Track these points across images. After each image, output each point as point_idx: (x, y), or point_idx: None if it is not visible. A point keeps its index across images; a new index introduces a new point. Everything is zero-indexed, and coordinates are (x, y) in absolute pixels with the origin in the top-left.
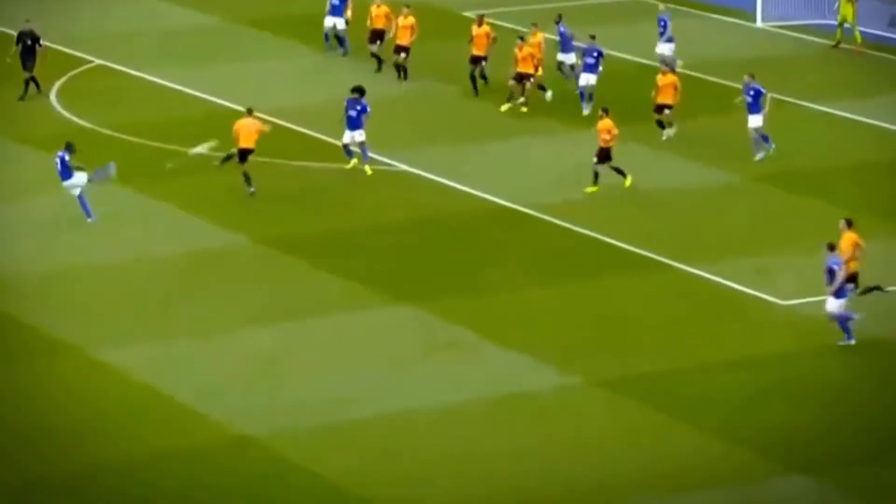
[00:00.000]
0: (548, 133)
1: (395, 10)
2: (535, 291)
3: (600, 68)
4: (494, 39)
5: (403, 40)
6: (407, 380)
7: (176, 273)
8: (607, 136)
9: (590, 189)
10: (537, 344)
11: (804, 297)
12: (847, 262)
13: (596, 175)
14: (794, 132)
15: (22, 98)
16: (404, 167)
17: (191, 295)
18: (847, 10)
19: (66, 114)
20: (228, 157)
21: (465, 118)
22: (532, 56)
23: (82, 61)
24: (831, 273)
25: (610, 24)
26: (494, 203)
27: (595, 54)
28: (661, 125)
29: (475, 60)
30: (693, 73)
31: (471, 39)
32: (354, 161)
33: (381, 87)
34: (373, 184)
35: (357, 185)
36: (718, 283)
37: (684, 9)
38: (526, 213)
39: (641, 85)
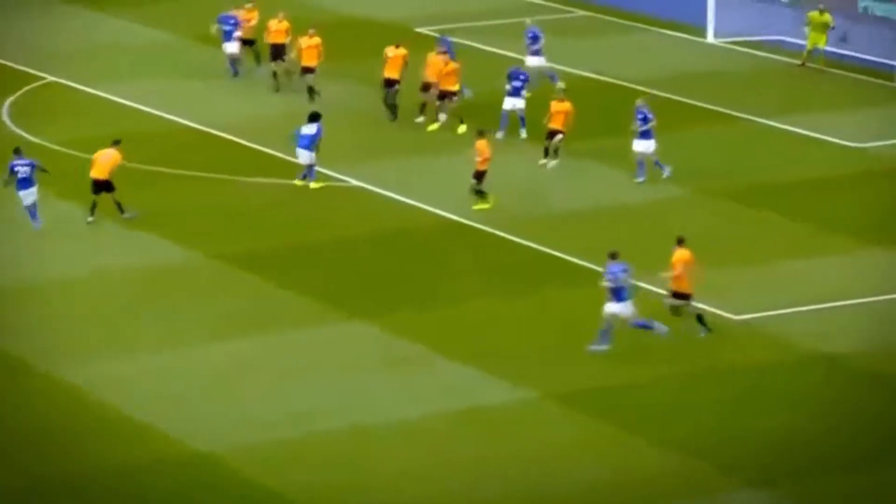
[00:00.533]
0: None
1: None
2: (488, 305)
3: (524, 92)
4: (407, 64)
5: (310, 62)
6: (363, 394)
7: (131, 289)
8: (479, 159)
9: (479, 206)
10: (492, 357)
11: (758, 312)
12: (675, 278)
13: (479, 192)
14: (745, 147)
15: None
16: (356, 182)
17: (147, 311)
18: (820, 39)
19: (16, 129)
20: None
21: (413, 133)
22: (456, 73)
23: (35, 78)
24: (611, 279)
25: (564, 39)
26: (445, 217)
27: (522, 77)
28: (547, 152)
29: (389, 84)
30: (644, 89)
31: (385, 61)
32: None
33: (330, 105)
34: (325, 199)
35: (309, 201)
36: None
37: (636, 24)
38: (476, 228)
39: (596, 101)
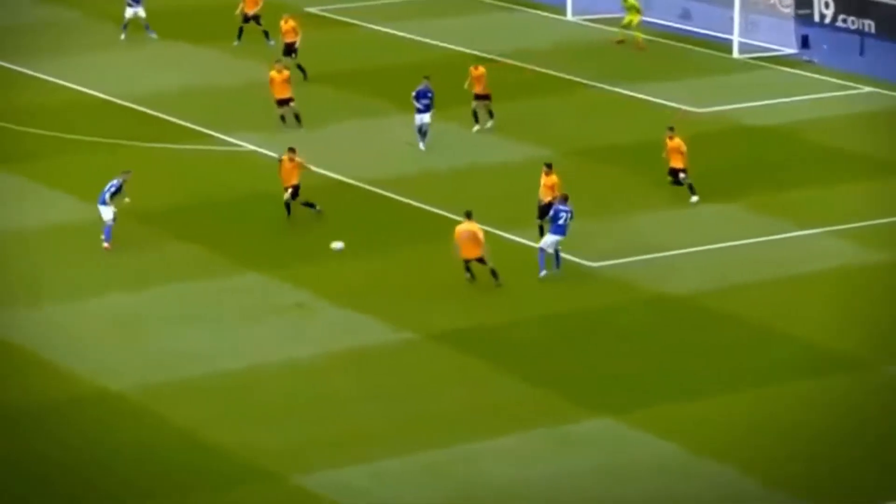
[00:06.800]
0: (380, 114)
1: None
2: (373, 258)
3: (431, 109)
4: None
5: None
6: (257, 338)
7: (43, 245)
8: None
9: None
10: (375, 304)
11: (613, 259)
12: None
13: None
14: (597, 112)
15: None
16: (252, 147)
17: (57, 263)
18: (633, 18)
19: None
20: None
21: (306, 104)
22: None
23: None
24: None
25: (440, 18)
26: (335, 179)
27: (430, 95)
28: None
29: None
30: (512, 62)
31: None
32: None
33: (245, 75)
34: (223, 163)
35: (210, 165)
36: (534, 247)
37: (505, 4)
38: (361, 188)
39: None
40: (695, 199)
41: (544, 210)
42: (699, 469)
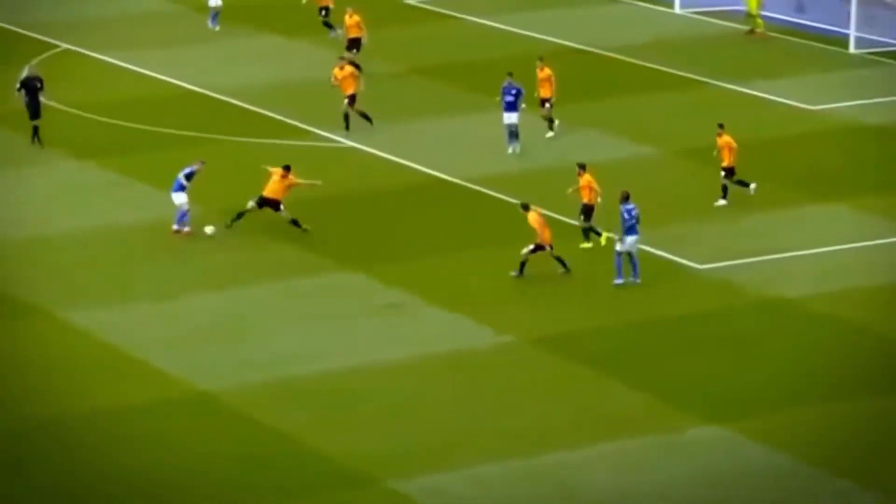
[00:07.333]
0: (479, 109)
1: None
2: (471, 256)
3: (520, 106)
4: (359, 78)
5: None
6: (353, 338)
7: (137, 241)
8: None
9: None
10: (475, 305)
11: (719, 262)
12: (584, 197)
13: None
14: (709, 110)
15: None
16: (350, 143)
17: (152, 261)
18: (752, 2)
19: None
20: None
21: (404, 98)
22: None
23: (50, 46)
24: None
25: (543, 10)
26: (432, 175)
27: (514, 92)
28: (551, 121)
29: (351, 100)
30: (619, 57)
31: (336, 81)
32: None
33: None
34: (322, 159)
35: (306, 161)
36: (642, 249)
37: None
38: (460, 185)
39: (573, 68)
40: (722, 202)
41: (587, 211)
42: (813, 480)
